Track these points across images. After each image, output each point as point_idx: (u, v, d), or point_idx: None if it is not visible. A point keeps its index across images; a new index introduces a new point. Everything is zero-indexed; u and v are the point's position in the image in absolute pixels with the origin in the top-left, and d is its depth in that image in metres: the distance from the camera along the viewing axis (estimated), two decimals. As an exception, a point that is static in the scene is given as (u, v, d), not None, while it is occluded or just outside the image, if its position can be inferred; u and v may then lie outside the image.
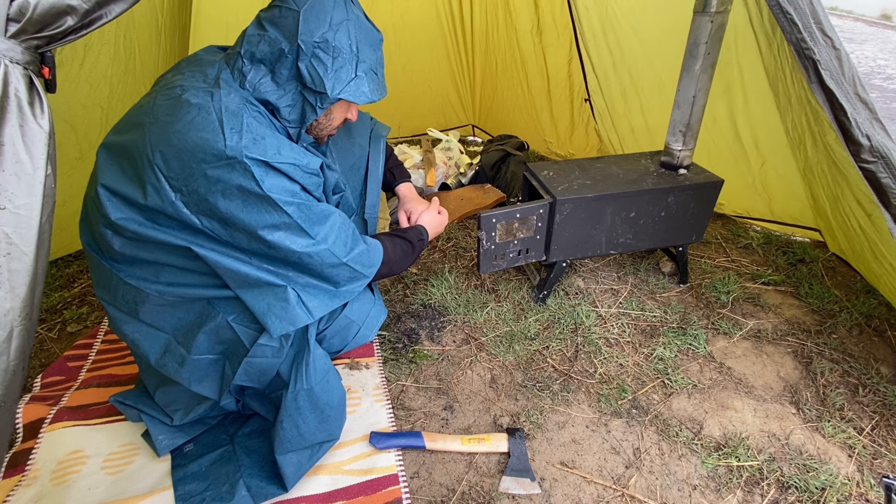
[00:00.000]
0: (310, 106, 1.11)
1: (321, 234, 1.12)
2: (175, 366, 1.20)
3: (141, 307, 1.16)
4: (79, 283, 2.02)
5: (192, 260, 1.10)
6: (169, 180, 1.00)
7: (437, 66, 3.24)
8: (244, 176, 1.00)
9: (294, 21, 1.03)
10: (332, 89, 1.08)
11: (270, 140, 1.03)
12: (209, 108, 1.00)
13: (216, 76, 1.06)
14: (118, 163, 1.06)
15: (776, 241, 2.29)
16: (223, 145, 0.98)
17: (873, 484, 1.29)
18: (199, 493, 1.21)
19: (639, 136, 2.60)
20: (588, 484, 1.31)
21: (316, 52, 1.05)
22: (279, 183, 1.04)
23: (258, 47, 1.06)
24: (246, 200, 1.02)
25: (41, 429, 1.32)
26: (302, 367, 1.24)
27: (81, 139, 1.92)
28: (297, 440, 1.22)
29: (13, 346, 0.78)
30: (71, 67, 1.76)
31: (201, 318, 1.18)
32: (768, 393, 1.57)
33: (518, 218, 1.68)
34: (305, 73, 1.06)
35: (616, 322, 1.83)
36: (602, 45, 2.45)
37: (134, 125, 1.05)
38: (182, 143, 0.98)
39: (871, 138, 1.24)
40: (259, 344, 1.19)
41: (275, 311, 1.14)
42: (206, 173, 0.99)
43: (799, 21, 1.25)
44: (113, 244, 1.09)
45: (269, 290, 1.14)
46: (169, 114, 1.00)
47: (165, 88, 1.06)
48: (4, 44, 0.76)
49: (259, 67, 1.07)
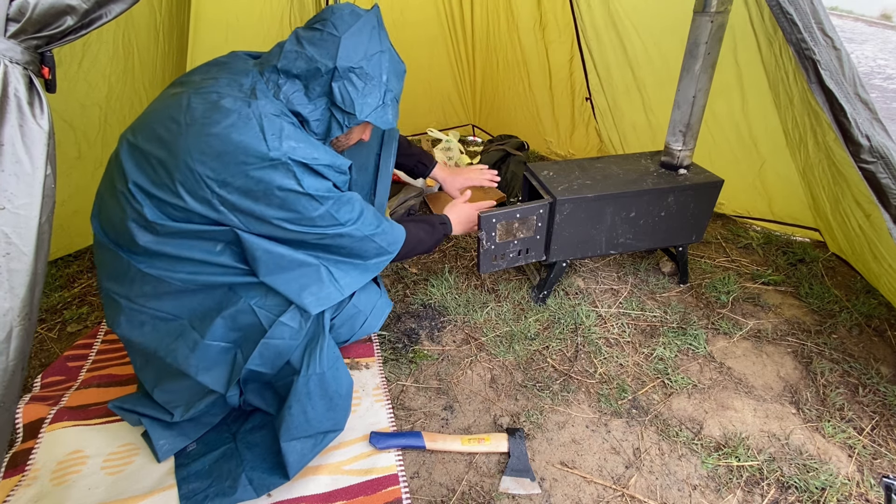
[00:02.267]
0: (337, 123, 1.21)
1: (352, 219, 1.23)
2: (186, 351, 1.21)
3: (159, 296, 1.19)
4: (79, 283, 2.01)
5: (216, 255, 1.16)
6: (206, 180, 1.06)
7: (437, 64, 3.23)
8: (286, 176, 1.09)
9: (335, 45, 1.13)
10: (361, 112, 1.18)
11: (308, 144, 1.13)
12: (249, 115, 1.07)
13: (252, 87, 1.14)
14: (149, 164, 1.09)
15: (776, 241, 2.29)
16: (266, 148, 1.06)
17: (873, 484, 1.30)
18: (203, 490, 1.22)
19: (640, 133, 2.59)
20: (588, 484, 1.31)
21: (350, 77, 1.15)
22: (316, 182, 1.14)
23: (295, 63, 1.15)
24: (285, 199, 1.11)
25: (41, 429, 1.32)
26: (316, 351, 1.28)
27: (80, 138, 1.91)
28: (303, 426, 1.24)
29: (12, 346, 0.78)
30: (69, 66, 1.76)
31: (221, 303, 1.23)
32: (768, 393, 1.57)
33: (518, 218, 1.68)
34: (337, 94, 1.16)
35: (616, 322, 1.83)
36: (604, 42, 2.44)
37: (164, 125, 1.09)
38: (223, 146, 1.05)
39: (870, 139, 1.24)
40: (279, 323, 1.23)
41: (311, 290, 1.23)
42: (248, 174, 1.07)
43: (799, 21, 1.24)
44: (138, 239, 1.12)
45: (303, 271, 1.23)
46: (207, 116, 1.06)
47: (199, 92, 1.11)
48: (4, 44, 0.76)
49: (294, 82, 1.16)
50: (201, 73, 1.19)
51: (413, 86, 3.13)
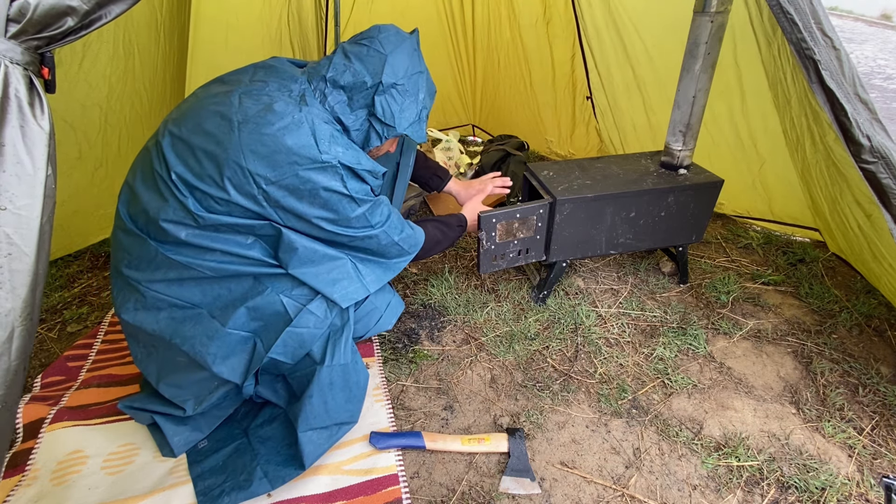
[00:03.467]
0: (375, 133, 1.29)
1: (381, 221, 1.31)
2: (204, 339, 1.22)
3: (182, 282, 1.21)
4: (79, 283, 2.02)
5: (247, 248, 1.21)
6: (255, 177, 1.12)
7: (437, 64, 3.22)
8: (334, 178, 1.17)
9: (381, 62, 1.22)
10: (400, 125, 1.27)
11: (353, 151, 1.21)
12: (301, 120, 1.15)
13: (301, 93, 1.22)
14: (194, 157, 1.13)
15: (776, 241, 2.29)
16: (318, 151, 1.14)
17: (873, 484, 1.30)
18: (219, 485, 1.24)
19: (641, 133, 2.59)
20: (588, 484, 1.31)
21: (392, 92, 1.24)
22: (358, 185, 1.22)
23: (343, 75, 1.22)
24: (328, 199, 1.18)
25: (41, 429, 1.32)
26: (340, 342, 1.33)
27: (81, 138, 1.91)
28: (322, 417, 1.28)
29: (14, 346, 0.78)
30: (70, 67, 1.76)
31: (247, 293, 1.25)
32: (768, 393, 1.57)
33: (518, 218, 1.68)
34: (379, 107, 1.24)
35: (616, 322, 1.83)
36: (605, 41, 2.44)
37: (214, 120, 1.13)
38: (276, 146, 1.11)
39: (871, 139, 1.24)
40: (306, 310, 1.27)
41: (342, 284, 1.30)
42: (297, 173, 1.13)
43: (799, 21, 1.25)
44: (171, 230, 1.15)
45: (334, 265, 1.29)
46: (261, 116, 1.13)
47: (250, 93, 1.17)
48: (4, 44, 0.76)
49: (339, 92, 1.24)
50: (247, 74, 1.25)
51: (413, 86, 3.14)
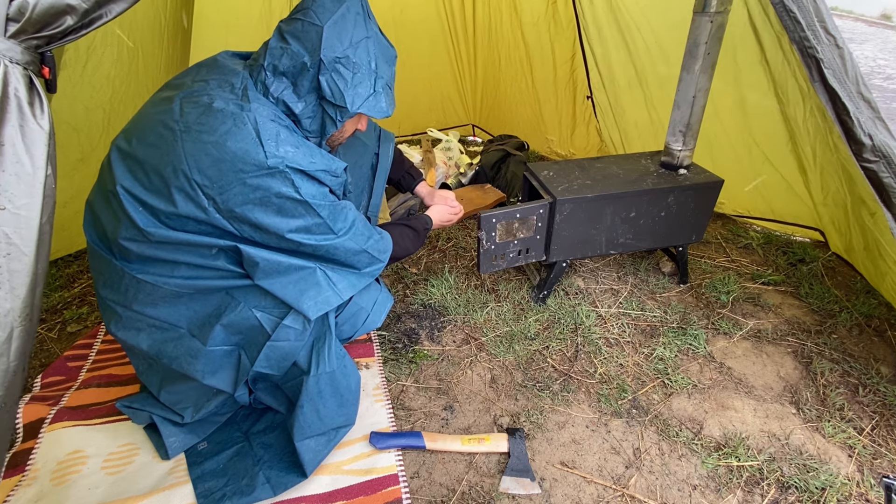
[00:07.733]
0: (329, 119, 1.17)
1: (344, 228, 1.20)
2: (189, 359, 1.20)
3: (155, 303, 1.17)
4: (79, 283, 2.01)
5: (212, 258, 1.13)
6: (203, 188, 1.04)
7: (437, 63, 3.22)
8: (284, 184, 1.06)
9: (317, 36, 1.07)
10: (352, 104, 1.13)
11: (304, 149, 1.09)
12: (244, 120, 1.04)
13: (243, 88, 1.10)
14: (142, 171, 1.06)
15: (776, 241, 2.28)
16: (264, 156, 1.03)
17: (873, 484, 1.29)
18: (220, 488, 1.23)
19: (642, 131, 2.59)
20: (588, 484, 1.31)
21: (337, 68, 1.10)
22: (314, 188, 1.11)
23: (281, 60, 1.10)
24: (282, 206, 1.08)
25: (41, 429, 1.32)
26: (324, 350, 1.29)
27: (84, 141, 1.91)
28: (316, 425, 1.25)
29: (13, 346, 0.78)
30: (74, 69, 1.76)
31: (219, 309, 1.20)
32: (768, 393, 1.57)
33: (518, 218, 1.68)
34: (326, 87, 1.11)
35: (616, 322, 1.83)
36: (606, 39, 2.44)
37: (157, 131, 1.06)
38: (220, 153, 1.02)
39: (873, 138, 1.24)
40: (283, 326, 1.21)
41: (310, 294, 1.20)
42: (245, 182, 1.04)
43: (802, 19, 1.24)
44: (130, 247, 1.10)
45: (301, 275, 1.19)
46: (202, 122, 1.03)
47: (191, 96, 1.07)
48: (4, 44, 0.76)
49: (281, 80, 1.12)
50: (191, 75, 1.16)
51: (413, 85, 3.14)
